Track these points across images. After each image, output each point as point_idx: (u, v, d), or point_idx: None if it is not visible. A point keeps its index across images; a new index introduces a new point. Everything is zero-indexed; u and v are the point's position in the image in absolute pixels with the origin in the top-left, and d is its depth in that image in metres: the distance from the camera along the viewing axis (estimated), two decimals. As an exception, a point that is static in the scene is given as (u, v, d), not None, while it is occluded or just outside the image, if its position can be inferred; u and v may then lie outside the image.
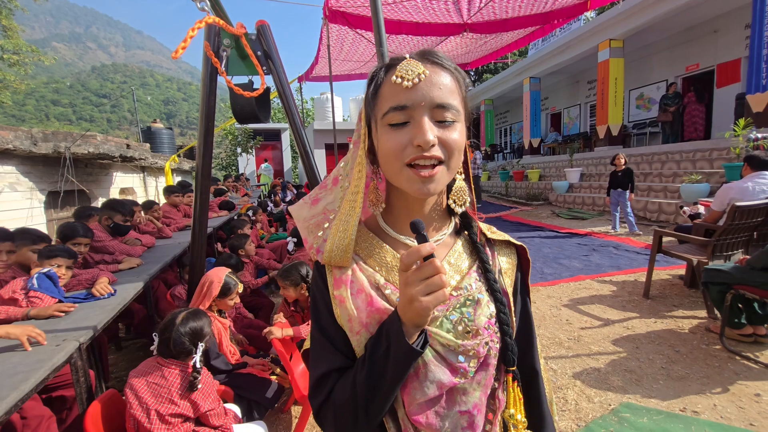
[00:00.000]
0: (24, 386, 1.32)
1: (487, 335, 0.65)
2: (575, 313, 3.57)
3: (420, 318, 0.55)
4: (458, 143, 0.61)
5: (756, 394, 2.26)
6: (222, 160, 20.53)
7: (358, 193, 0.68)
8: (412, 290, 0.53)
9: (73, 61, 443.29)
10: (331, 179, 0.77)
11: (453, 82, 0.62)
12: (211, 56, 2.20)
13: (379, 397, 0.59)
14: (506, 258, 0.75)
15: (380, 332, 0.61)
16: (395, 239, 0.71)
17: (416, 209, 0.69)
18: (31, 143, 4.71)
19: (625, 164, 6.39)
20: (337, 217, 0.69)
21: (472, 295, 0.67)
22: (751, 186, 3.41)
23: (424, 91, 0.59)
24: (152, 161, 7.95)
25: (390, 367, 0.57)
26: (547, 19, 6.43)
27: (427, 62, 0.62)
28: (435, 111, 0.59)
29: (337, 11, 5.68)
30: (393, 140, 0.60)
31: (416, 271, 0.54)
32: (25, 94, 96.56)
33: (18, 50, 15.36)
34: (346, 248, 0.66)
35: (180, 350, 1.59)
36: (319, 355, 0.68)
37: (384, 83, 0.63)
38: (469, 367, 0.64)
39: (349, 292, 0.65)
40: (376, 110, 0.64)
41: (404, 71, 0.59)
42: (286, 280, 2.45)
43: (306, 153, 2.58)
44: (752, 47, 6.54)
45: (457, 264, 0.70)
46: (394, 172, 0.62)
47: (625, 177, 6.37)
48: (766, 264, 2.59)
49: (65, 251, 2.32)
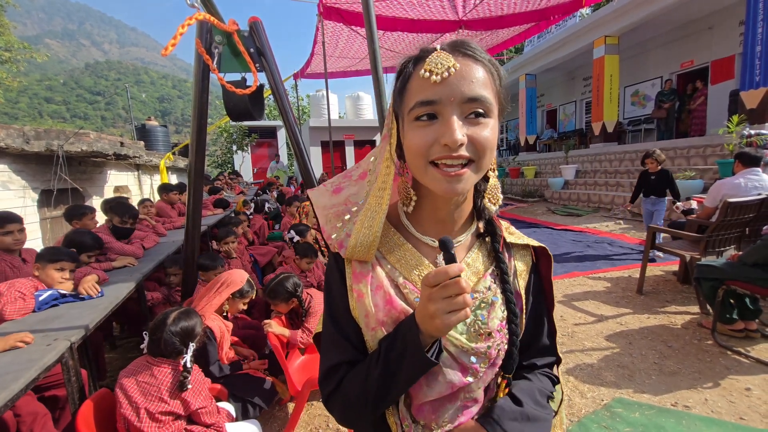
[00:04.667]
0: (14, 386, 1.31)
1: (499, 338, 0.66)
2: (569, 309, 3.59)
3: (438, 332, 0.56)
4: (489, 141, 0.58)
5: (746, 388, 2.29)
6: (217, 158, 20.44)
7: (385, 189, 0.66)
8: (435, 307, 0.53)
9: (66, 58, 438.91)
10: (359, 172, 0.76)
11: (486, 75, 0.58)
12: (202, 53, 2.18)
13: (390, 395, 0.61)
14: (522, 261, 0.75)
15: (396, 334, 0.61)
16: (417, 238, 0.70)
17: (442, 208, 0.67)
18: (23, 141, 4.67)
19: (659, 164, 4.69)
20: (362, 212, 0.68)
21: (487, 297, 0.67)
22: (743, 182, 3.44)
23: (454, 85, 0.55)
24: (147, 159, 7.89)
25: (404, 371, 0.59)
26: (543, 15, 6.42)
27: (459, 54, 0.58)
28: (465, 105, 0.56)
29: (332, 8, 5.64)
30: (419, 137, 0.58)
31: (441, 288, 0.53)
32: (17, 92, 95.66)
33: (10, 47, 15.16)
34: (371, 245, 0.64)
35: (171, 350, 1.58)
36: (330, 345, 0.69)
37: (412, 77, 0.60)
38: (481, 367, 0.65)
39: (369, 289, 0.65)
40: (403, 105, 0.61)
41: (433, 64, 0.56)
42: (276, 299, 2.42)
43: (300, 151, 2.57)
44: (746, 44, 6.57)
45: (474, 265, 0.70)
46: (419, 170, 0.60)
47: (660, 181, 4.70)
48: (757, 260, 2.62)
49: (69, 255, 2.24)
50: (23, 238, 2.53)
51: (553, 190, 10.30)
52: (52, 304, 2.05)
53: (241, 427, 1.78)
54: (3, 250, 2.43)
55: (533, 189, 11.45)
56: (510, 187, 12.94)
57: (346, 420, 0.68)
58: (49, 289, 2.07)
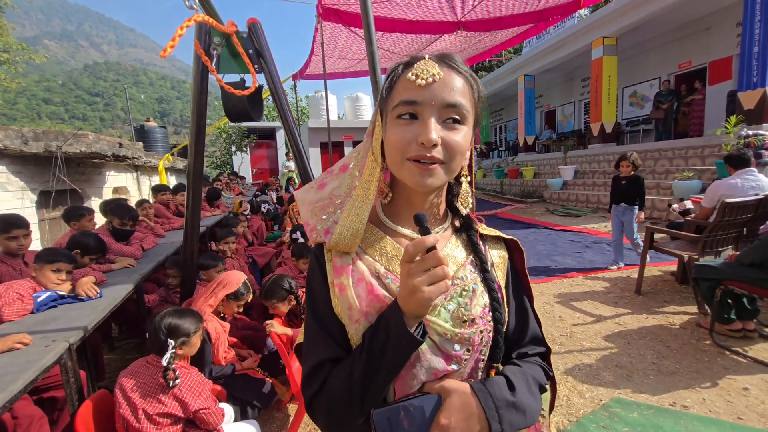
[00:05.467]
0: (12, 387, 1.31)
1: (482, 324, 0.68)
2: (568, 310, 3.60)
3: (421, 308, 0.57)
4: (460, 146, 0.63)
5: (744, 387, 2.29)
6: (216, 159, 20.42)
7: (371, 180, 0.70)
8: (415, 280, 0.55)
9: (65, 59, 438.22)
10: (339, 166, 0.79)
11: (466, 87, 0.64)
12: (201, 54, 2.18)
13: (376, 386, 0.60)
14: (497, 252, 0.79)
15: (379, 322, 0.62)
16: (394, 231, 0.73)
17: (417, 204, 0.71)
18: (21, 142, 4.66)
19: (634, 169, 4.41)
20: (349, 201, 0.71)
21: (468, 285, 0.69)
22: (740, 182, 3.45)
23: (436, 91, 0.61)
24: (145, 160, 7.89)
25: (389, 356, 0.59)
26: (541, 17, 6.43)
27: (444, 65, 0.64)
28: (444, 110, 0.61)
29: (330, 9, 5.64)
30: (399, 134, 0.62)
31: (419, 262, 0.55)
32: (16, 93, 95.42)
33: (8, 48, 15.13)
34: (357, 232, 0.67)
35: (155, 345, 1.58)
36: (313, 344, 0.68)
37: (400, 79, 0.65)
38: (464, 355, 0.66)
39: (351, 281, 0.66)
40: (388, 102, 0.66)
41: (420, 70, 0.62)
42: (272, 298, 2.41)
43: (299, 152, 2.57)
44: (743, 45, 6.59)
45: (453, 255, 0.72)
46: (397, 165, 0.64)
47: (630, 187, 4.43)
48: (754, 260, 2.63)
49: (66, 256, 2.24)
50: (27, 243, 2.51)
51: (551, 191, 10.32)
52: (50, 305, 2.04)
53: (240, 428, 1.78)
54: (6, 253, 2.42)
55: (532, 189, 11.46)
56: (509, 188, 12.96)
57: (331, 425, 0.64)
58: (47, 291, 2.07)
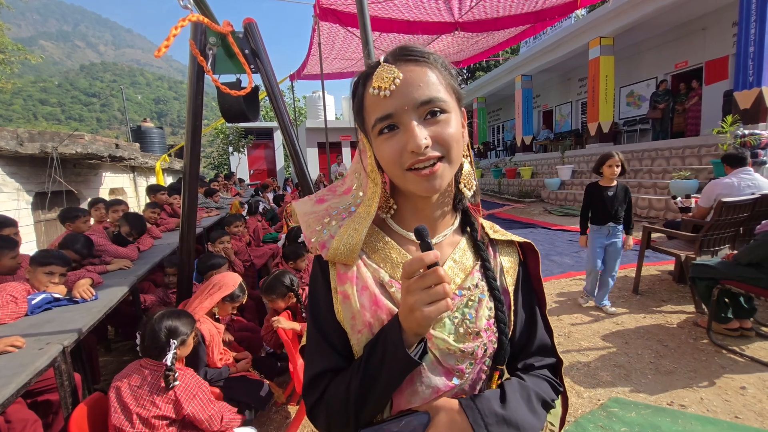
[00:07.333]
0: (5, 391, 1.30)
1: (486, 337, 0.65)
2: (566, 309, 3.59)
3: (420, 328, 0.54)
4: (453, 136, 0.59)
5: (741, 386, 2.30)
6: (214, 160, 20.36)
7: (374, 199, 0.67)
8: (414, 299, 0.52)
9: (61, 60, 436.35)
10: (344, 188, 0.77)
11: (432, 74, 0.59)
12: (196, 55, 2.18)
13: (372, 403, 0.59)
14: (508, 257, 0.75)
15: (378, 337, 0.60)
16: (401, 236, 0.70)
17: (422, 206, 0.68)
18: (16, 143, 4.63)
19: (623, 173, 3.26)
20: (351, 218, 0.68)
21: (475, 295, 0.66)
22: (737, 182, 3.45)
23: (403, 94, 0.57)
24: (142, 161, 7.86)
25: (384, 376, 0.57)
26: (538, 17, 6.44)
27: (401, 62, 0.60)
28: (420, 109, 0.57)
29: (328, 9, 5.63)
30: (388, 149, 0.59)
31: (419, 279, 0.52)
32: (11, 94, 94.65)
33: (4, 49, 15.04)
34: (354, 247, 0.64)
35: (154, 346, 1.57)
36: (315, 353, 0.67)
37: (365, 96, 0.62)
38: (467, 369, 0.64)
39: (355, 289, 0.64)
40: (365, 124, 0.63)
41: (379, 80, 0.58)
42: (272, 294, 2.41)
43: (296, 153, 2.56)
44: (739, 45, 6.61)
45: (462, 262, 0.69)
46: (399, 178, 0.62)
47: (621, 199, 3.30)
48: (751, 259, 2.63)
49: (60, 258, 2.23)
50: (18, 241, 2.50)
51: (549, 191, 10.33)
52: (45, 307, 2.03)
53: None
54: None
55: (530, 189, 11.47)
56: (507, 188, 12.96)
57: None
58: (42, 293, 2.05)
